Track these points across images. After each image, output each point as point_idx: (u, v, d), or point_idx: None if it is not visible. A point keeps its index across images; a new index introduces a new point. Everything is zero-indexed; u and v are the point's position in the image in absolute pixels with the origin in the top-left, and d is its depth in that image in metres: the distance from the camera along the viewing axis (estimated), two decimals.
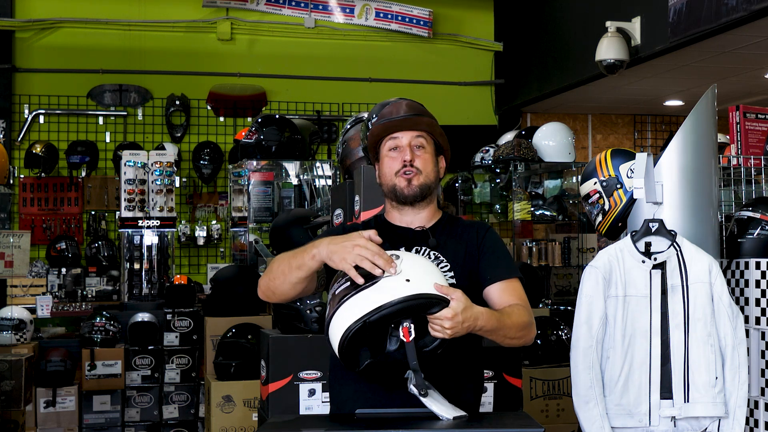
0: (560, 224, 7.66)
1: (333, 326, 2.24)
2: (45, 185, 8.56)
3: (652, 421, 3.01)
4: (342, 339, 2.22)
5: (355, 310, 2.20)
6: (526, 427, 2.24)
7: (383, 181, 2.63)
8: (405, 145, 2.58)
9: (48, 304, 6.99)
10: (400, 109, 2.65)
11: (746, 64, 7.33)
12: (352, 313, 2.20)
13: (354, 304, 2.21)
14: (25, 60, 8.68)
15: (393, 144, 2.60)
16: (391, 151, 2.60)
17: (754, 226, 3.62)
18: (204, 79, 8.93)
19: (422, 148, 2.60)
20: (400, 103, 2.68)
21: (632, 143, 10.14)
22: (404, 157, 2.57)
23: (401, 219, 2.63)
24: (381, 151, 2.64)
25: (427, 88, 9.22)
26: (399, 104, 2.68)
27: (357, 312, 2.19)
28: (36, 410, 6.36)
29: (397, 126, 2.60)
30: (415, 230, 2.60)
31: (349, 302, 2.21)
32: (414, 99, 3.51)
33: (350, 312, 2.20)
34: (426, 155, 2.60)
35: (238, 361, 5.13)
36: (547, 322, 5.39)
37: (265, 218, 6.75)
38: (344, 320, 2.21)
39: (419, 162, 2.58)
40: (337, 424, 2.44)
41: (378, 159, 2.66)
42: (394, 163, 2.59)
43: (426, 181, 2.58)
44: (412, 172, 2.57)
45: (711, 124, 3.33)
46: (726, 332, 3.03)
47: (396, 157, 2.59)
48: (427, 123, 2.62)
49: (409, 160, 2.56)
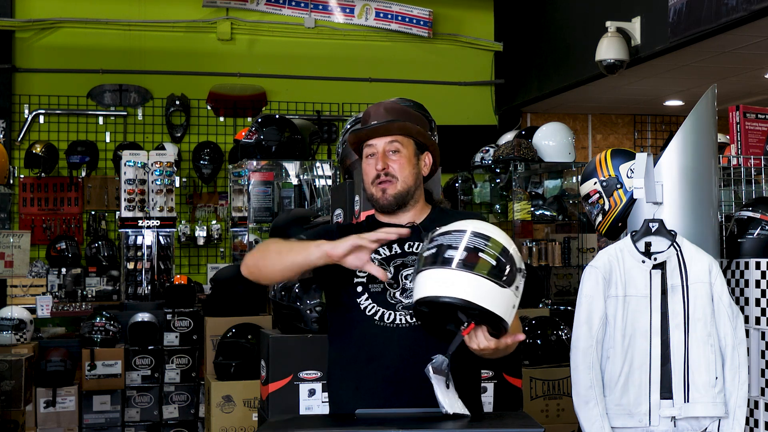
0: (560, 224, 7.65)
1: (433, 278, 2.23)
2: (45, 185, 8.56)
3: (652, 421, 3.00)
4: (425, 299, 2.24)
5: (460, 285, 2.19)
6: (526, 427, 2.24)
7: (365, 186, 2.63)
8: (379, 151, 2.57)
9: (48, 304, 6.99)
10: (377, 115, 2.61)
11: (746, 64, 7.33)
12: (452, 286, 2.19)
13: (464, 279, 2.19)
14: (25, 60, 8.68)
15: (369, 151, 2.60)
16: (368, 158, 2.60)
17: (754, 226, 3.62)
18: (204, 79, 8.93)
19: (397, 152, 2.58)
20: (378, 108, 2.64)
21: (632, 143, 10.14)
22: (377, 165, 2.56)
23: (389, 218, 2.63)
24: (363, 155, 2.64)
25: (427, 88, 9.22)
26: (377, 109, 2.64)
27: (456, 290, 2.19)
28: (36, 410, 6.36)
29: (368, 134, 2.59)
30: (404, 226, 2.60)
31: (469, 276, 2.20)
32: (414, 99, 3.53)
33: (452, 283, 2.20)
34: (402, 159, 2.58)
35: (238, 361, 5.12)
36: (547, 322, 5.39)
37: (265, 218, 6.75)
38: (441, 286, 2.21)
39: (395, 167, 2.56)
40: (337, 423, 2.44)
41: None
42: (369, 169, 2.59)
43: (402, 188, 2.57)
44: (386, 181, 2.56)
45: (711, 124, 3.33)
46: (726, 332, 3.03)
47: (371, 163, 2.59)
48: (399, 127, 2.58)
49: (382, 169, 2.55)
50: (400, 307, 2.48)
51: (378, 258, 2.54)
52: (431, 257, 2.25)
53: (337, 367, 2.56)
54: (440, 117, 4.18)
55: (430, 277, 2.24)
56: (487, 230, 2.27)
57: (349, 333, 2.50)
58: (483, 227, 2.28)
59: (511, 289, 2.22)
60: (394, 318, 2.48)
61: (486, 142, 7.87)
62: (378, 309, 2.48)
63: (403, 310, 2.48)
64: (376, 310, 2.48)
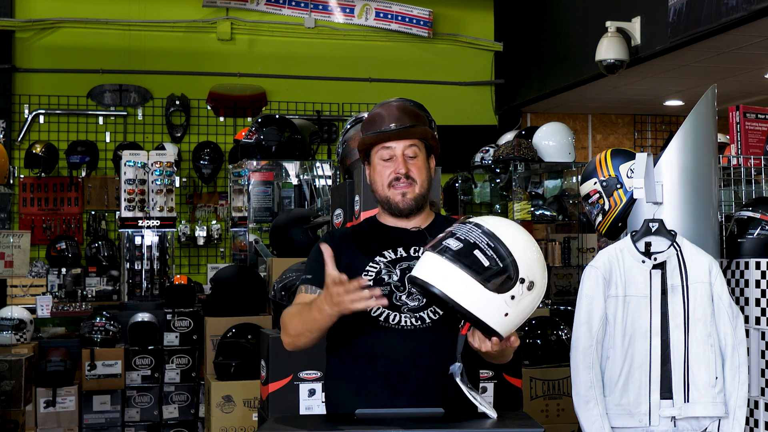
0: (560, 224, 7.65)
1: (424, 259, 2.22)
2: (45, 185, 8.56)
3: (652, 421, 3.01)
4: (411, 276, 2.24)
5: (455, 284, 2.14)
6: (526, 427, 2.24)
7: (375, 188, 2.60)
8: (399, 155, 2.55)
9: (48, 304, 6.98)
10: (392, 117, 2.57)
11: (746, 64, 7.33)
12: (450, 281, 2.14)
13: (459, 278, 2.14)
14: (25, 60, 8.68)
15: (386, 154, 2.56)
16: (383, 160, 2.57)
17: (754, 226, 3.62)
18: (204, 79, 8.93)
19: (415, 156, 2.57)
20: (391, 109, 2.60)
21: (632, 143, 10.14)
22: (398, 169, 2.54)
23: (395, 222, 2.62)
24: (372, 157, 2.60)
25: (427, 88, 9.22)
26: (391, 110, 2.60)
27: (450, 287, 2.14)
28: (36, 410, 6.36)
29: (390, 137, 2.56)
30: (410, 230, 2.60)
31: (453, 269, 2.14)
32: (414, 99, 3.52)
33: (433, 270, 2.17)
34: (419, 162, 2.57)
35: (238, 361, 5.13)
36: (547, 322, 5.39)
37: (265, 218, 6.75)
38: (424, 269, 2.19)
39: (414, 171, 2.55)
40: (337, 424, 2.44)
41: (369, 162, 2.62)
42: (386, 172, 2.56)
43: (421, 191, 2.56)
44: (406, 184, 2.54)
45: (711, 124, 3.33)
46: (726, 332, 3.03)
47: (389, 166, 2.56)
48: (420, 132, 2.58)
49: (404, 173, 2.54)
50: (406, 309, 2.48)
51: (384, 261, 2.54)
52: (438, 240, 2.24)
53: (338, 367, 2.55)
54: (440, 117, 4.18)
55: (424, 257, 2.25)
56: (500, 231, 2.19)
57: (353, 334, 2.49)
58: (498, 226, 2.21)
59: (502, 296, 2.13)
60: (399, 320, 2.47)
61: (486, 142, 7.87)
62: (383, 310, 2.48)
63: (408, 313, 2.48)
64: (382, 311, 2.48)
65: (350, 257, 2.54)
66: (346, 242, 2.59)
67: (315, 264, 2.52)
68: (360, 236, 2.61)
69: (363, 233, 2.62)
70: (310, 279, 2.53)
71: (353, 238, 2.60)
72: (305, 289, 2.53)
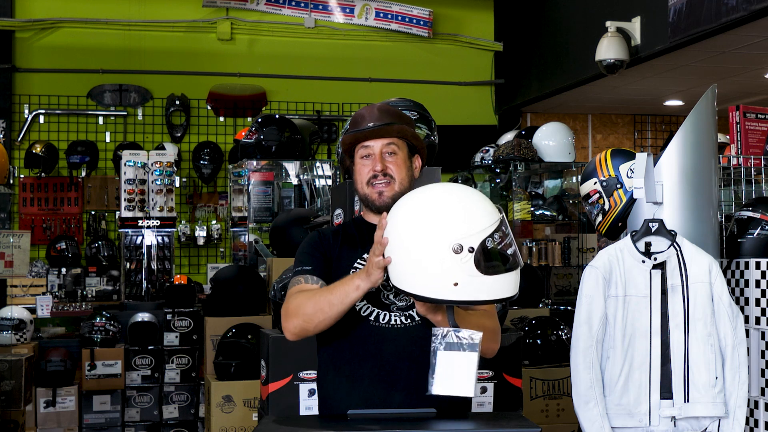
0: (560, 224, 7.66)
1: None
2: (45, 185, 8.56)
3: (652, 421, 3.01)
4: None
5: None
6: (523, 427, 2.24)
7: (356, 187, 2.64)
8: (377, 153, 2.59)
9: (48, 304, 6.99)
10: (372, 116, 2.62)
11: (746, 64, 7.33)
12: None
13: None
14: (25, 60, 8.68)
15: (364, 152, 2.61)
16: (362, 158, 2.61)
17: (754, 226, 3.62)
18: (204, 79, 8.93)
19: (394, 154, 2.60)
20: (372, 109, 2.66)
21: (632, 143, 10.14)
22: (375, 167, 2.58)
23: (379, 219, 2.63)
24: (354, 157, 2.65)
25: (427, 88, 9.21)
26: (371, 110, 2.65)
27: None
28: (36, 410, 6.36)
29: (366, 135, 2.60)
30: None
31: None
32: (414, 99, 3.52)
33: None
34: (399, 160, 2.60)
35: (238, 361, 5.13)
36: (547, 322, 5.39)
37: (265, 218, 6.75)
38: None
39: (392, 168, 2.58)
40: (331, 424, 2.44)
41: (353, 161, 2.67)
42: (365, 170, 2.60)
43: (400, 189, 2.57)
44: (384, 182, 2.57)
45: (711, 124, 3.33)
46: (726, 332, 3.03)
47: (367, 164, 2.60)
48: (397, 130, 2.61)
49: (381, 170, 2.57)
50: (395, 308, 2.50)
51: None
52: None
53: (330, 367, 2.56)
54: (440, 117, 4.19)
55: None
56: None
57: (343, 333, 2.50)
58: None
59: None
60: (389, 319, 2.49)
61: (486, 142, 7.87)
62: (372, 309, 2.50)
63: (398, 311, 2.50)
64: (371, 310, 2.50)
65: (339, 255, 2.57)
66: (335, 240, 2.62)
67: (311, 257, 2.55)
68: (347, 234, 2.64)
69: (350, 232, 2.65)
70: (310, 270, 2.54)
71: (341, 237, 2.63)
72: (305, 280, 2.53)
